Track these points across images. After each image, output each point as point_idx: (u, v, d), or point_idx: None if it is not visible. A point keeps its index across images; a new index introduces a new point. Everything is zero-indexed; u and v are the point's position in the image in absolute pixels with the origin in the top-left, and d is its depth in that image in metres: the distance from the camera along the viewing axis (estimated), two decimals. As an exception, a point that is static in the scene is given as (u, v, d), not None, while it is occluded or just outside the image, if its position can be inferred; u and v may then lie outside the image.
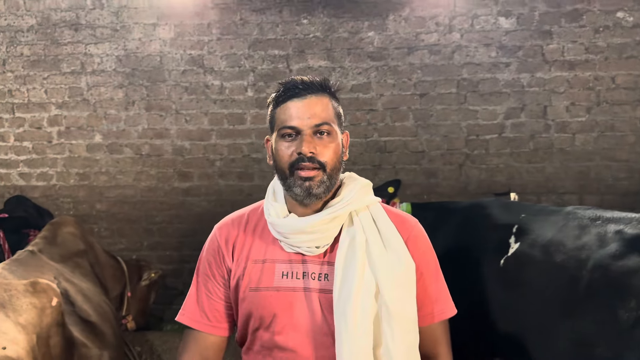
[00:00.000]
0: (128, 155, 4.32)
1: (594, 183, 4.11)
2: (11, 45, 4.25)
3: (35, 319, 1.77)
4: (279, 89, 1.50)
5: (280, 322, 1.46)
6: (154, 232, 4.37)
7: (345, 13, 4.11)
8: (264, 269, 1.49)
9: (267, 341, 1.48)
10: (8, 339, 1.60)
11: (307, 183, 1.43)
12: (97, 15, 4.20)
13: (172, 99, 4.25)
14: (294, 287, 1.46)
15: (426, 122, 4.16)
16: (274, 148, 1.50)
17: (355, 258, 1.42)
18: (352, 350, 1.36)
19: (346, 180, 1.55)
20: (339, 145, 1.48)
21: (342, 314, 1.38)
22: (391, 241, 1.47)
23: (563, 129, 4.10)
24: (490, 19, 4.06)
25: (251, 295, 1.48)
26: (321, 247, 1.47)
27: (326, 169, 1.44)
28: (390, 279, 1.42)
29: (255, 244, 1.53)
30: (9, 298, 1.74)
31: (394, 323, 1.39)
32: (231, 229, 1.57)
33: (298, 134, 1.44)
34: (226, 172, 4.28)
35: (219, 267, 1.55)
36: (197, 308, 1.56)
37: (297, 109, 1.44)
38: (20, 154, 4.36)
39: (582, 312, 1.89)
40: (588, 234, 2.03)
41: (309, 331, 1.44)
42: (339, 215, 1.46)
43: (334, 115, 1.49)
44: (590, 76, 4.04)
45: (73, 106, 4.29)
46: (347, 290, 1.39)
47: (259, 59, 4.18)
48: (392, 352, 1.39)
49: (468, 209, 2.80)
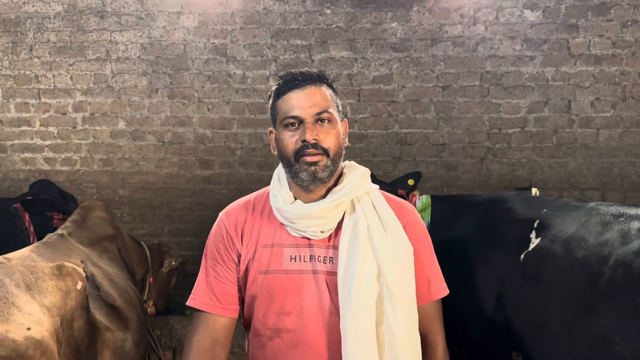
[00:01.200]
0: (151, 142, 4.37)
1: (617, 179, 4.06)
2: (38, 32, 4.31)
3: (60, 301, 1.80)
4: (278, 82, 1.58)
5: (290, 303, 1.53)
6: (175, 219, 4.42)
7: (369, 4, 4.09)
8: (272, 252, 1.57)
9: (275, 323, 1.55)
10: (33, 320, 1.63)
11: (312, 168, 1.50)
12: (123, 3, 4.23)
13: (195, 87, 4.28)
14: (302, 269, 1.54)
15: (448, 114, 4.14)
16: (278, 138, 1.57)
17: (358, 242, 1.51)
18: (356, 328, 1.44)
19: (347, 169, 1.63)
20: (339, 132, 1.56)
21: (347, 294, 1.46)
22: (391, 226, 1.55)
23: (587, 124, 4.04)
24: (516, 12, 4.01)
25: (261, 278, 1.56)
26: (326, 231, 1.55)
27: (329, 154, 1.52)
28: (391, 261, 1.50)
29: (263, 229, 1.60)
30: (35, 280, 1.77)
31: (396, 303, 1.48)
32: (239, 214, 1.64)
33: (301, 123, 1.52)
34: (247, 160, 4.31)
35: (228, 252, 1.61)
36: (207, 291, 1.62)
37: (298, 99, 1.52)
38: (46, 138, 4.43)
39: (602, 309, 1.88)
40: (610, 231, 2.01)
41: (317, 312, 1.52)
42: (342, 201, 1.54)
43: (333, 103, 1.57)
44: (617, 71, 3.97)
45: (98, 93, 4.35)
46: (351, 272, 1.47)
47: (281, 48, 4.19)
48: (394, 329, 1.47)
49: (489, 202, 2.79)
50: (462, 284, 2.48)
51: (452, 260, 2.55)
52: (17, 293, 1.67)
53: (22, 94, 4.40)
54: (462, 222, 2.81)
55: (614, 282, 1.87)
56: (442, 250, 1.79)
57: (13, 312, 1.60)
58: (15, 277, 1.71)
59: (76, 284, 1.85)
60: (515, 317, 2.29)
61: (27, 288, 1.73)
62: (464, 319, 2.48)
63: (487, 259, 2.48)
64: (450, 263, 2.04)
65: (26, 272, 1.75)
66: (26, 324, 1.59)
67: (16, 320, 1.59)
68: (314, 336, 1.52)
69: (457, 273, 2.46)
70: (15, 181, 4.47)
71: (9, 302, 1.62)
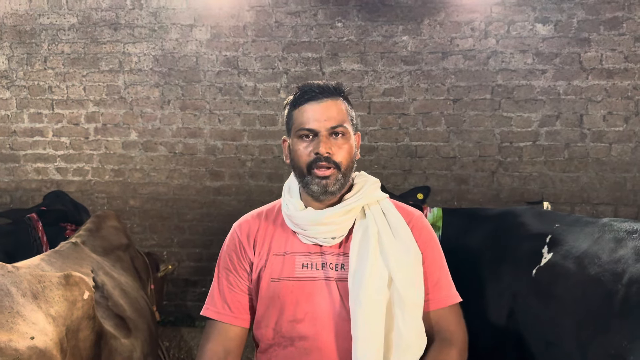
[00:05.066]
0: (162, 153, 4.39)
1: (630, 195, 4.01)
2: (52, 43, 4.37)
3: (66, 311, 1.79)
4: (296, 92, 1.61)
5: (302, 310, 1.54)
6: (185, 230, 4.43)
7: (380, 17, 4.11)
8: (284, 261, 1.58)
9: (288, 331, 1.55)
10: (37, 330, 1.63)
11: (324, 181, 1.53)
12: (136, 15, 4.28)
13: (207, 99, 4.30)
14: (314, 277, 1.56)
15: (459, 127, 4.12)
16: (292, 148, 1.60)
17: (368, 247, 1.52)
18: (366, 332, 1.45)
19: (357, 179, 1.66)
20: (352, 146, 1.59)
21: (357, 298, 1.47)
22: (400, 232, 1.57)
23: (599, 139, 4.01)
24: (527, 25, 4.00)
25: (273, 286, 1.57)
26: (337, 237, 1.57)
27: (341, 168, 1.55)
28: (401, 266, 1.52)
29: (275, 238, 1.62)
30: (42, 289, 1.77)
31: (405, 308, 1.49)
32: (252, 225, 1.66)
33: (315, 135, 1.55)
34: (257, 172, 4.32)
35: (240, 262, 1.63)
36: (220, 301, 1.64)
37: (314, 111, 1.55)
38: (58, 149, 4.47)
39: (616, 327, 1.84)
40: (624, 247, 1.98)
41: (329, 318, 1.53)
42: (353, 208, 1.57)
43: (348, 117, 1.60)
44: (629, 85, 3.95)
45: (110, 104, 4.39)
46: (360, 276, 1.49)
47: (292, 61, 4.21)
48: (403, 334, 1.48)
49: (500, 216, 2.77)
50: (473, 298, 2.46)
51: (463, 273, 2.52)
52: (23, 302, 1.67)
53: (35, 104, 4.44)
54: (473, 236, 2.78)
55: (628, 300, 1.84)
56: (453, 263, 1.77)
57: (17, 322, 1.60)
58: (22, 286, 1.71)
59: (83, 293, 1.85)
60: (527, 333, 2.25)
61: (33, 297, 1.73)
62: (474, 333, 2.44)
63: (499, 274, 2.45)
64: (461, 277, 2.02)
65: (33, 281, 1.75)
66: (30, 333, 1.59)
67: (20, 329, 1.59)
68: (327, 343, 1.52)
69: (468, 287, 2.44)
70: (27, 191, 4.50)
71: (13, 311, 1.62)
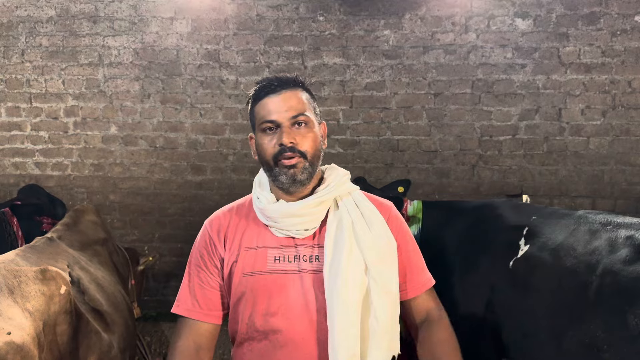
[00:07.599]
0: (142, 148, 4.35)
1: (607, 187, 4.08)
2: (30, 36, 4.30)
3: (43, 306, 1.78)
4: (255, 88, 1.61)
5: (275, 303, 1.54)
6: (166, 224, 4.41)
7: (362, 11, 4.11)
8: (257, 255, 1.58)
9: (262, 325, 1.55)
10: (14, 325, 1.62)
11: (291, 171, 1.53)
12: (116, 8, 4.23)
13: (188, 92, 4.27)
14: (286, 269, 1.55)
15: (440, 121, 4.15)
16: (257, 143, 1.60)
17: (343, 238, 1.54)
18: (343, 321, 1.46)
19: (328, 171, 1.67)
20: (317, 135, 1.59)
21: (333, 289, 1.48)
22: (374, 222, 1.60)
23: (578, 132, 4.07)
24: (507, 20, 4.03)
25: (245, 280, 1.57)
26: (310, 229, 1.57)
27: (307, 157, 1.55)
28: (377, 255, 1.55)
29: (246, 233, 1.62)
30: (18, 284, 1.76)
31: (383, 295, 1.52)
32: (222, 221, 1.66)
33: (278, 127, 1.55)
34: (239, 166, 4.31)
35: (211, 258, 1.63)
36: (190, 298, 1.63)
37: (274, 103, 1.55)
38: (37, 143, 4.41)
39: (590, 317, 1.87)
40: (599, 239, 2.01)
41: (303, 311, 1.53)
42: (326, 199, 1.58)
43: (310, 106, 1.59)
44: (607, 80, 4.00)
45: (90, 97, 4.34)
46: (337, 267, 1.50)
47: (274, 54, 4.20)
48: (380, 320, 1.50)
49: (479, 208, 2.79)
50: (451, 289, 2.48)
51: (442, 265, 2.55)
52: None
53: (13, 98, 4.38)
54: (452, 228, 2.80)
55: (602, 291, 1.87)
56: (432, 254, 1.80)
57: (-6, 317, 1.58)
58: (-3, 281, 1.69)
59: (60, 288, 1.84)
60: (504, 324, 2.28)
61: (9, 292, 1.71)
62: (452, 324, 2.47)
63: (477, 265, 2.47)
64: (440, 268, 2.04)
65: (9, 276, 1.73)
66: (7, 328, 1.58)
67: (-3, 324, 1.57)
68: (301, 336, 1.52)
69: (447, 278, 2.46)
70: (5, 186, 4.44)
71: (-11, 306, 1.60)
